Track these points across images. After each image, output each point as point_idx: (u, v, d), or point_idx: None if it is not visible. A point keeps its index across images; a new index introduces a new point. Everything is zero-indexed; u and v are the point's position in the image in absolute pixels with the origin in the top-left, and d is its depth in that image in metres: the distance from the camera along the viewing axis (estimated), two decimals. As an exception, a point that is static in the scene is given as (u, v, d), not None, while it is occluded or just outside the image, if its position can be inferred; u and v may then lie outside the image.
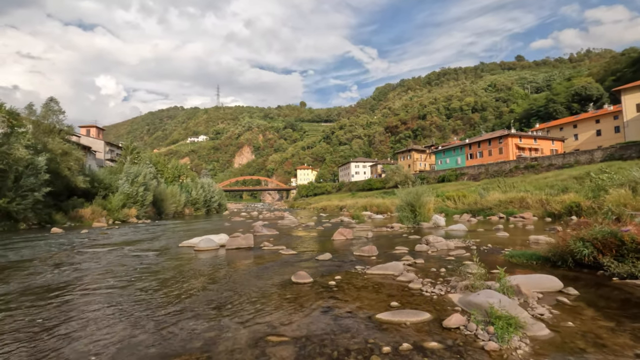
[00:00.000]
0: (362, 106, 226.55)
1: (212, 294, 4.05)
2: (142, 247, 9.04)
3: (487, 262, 5.69)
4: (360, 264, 5.74)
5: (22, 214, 18.74)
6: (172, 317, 3.25)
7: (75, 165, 25.67)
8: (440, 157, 69.65)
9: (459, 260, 6.00)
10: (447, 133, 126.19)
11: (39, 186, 19.68)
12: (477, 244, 8.14)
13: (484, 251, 6.95)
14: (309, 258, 6.57)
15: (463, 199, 24.65)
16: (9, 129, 19.80)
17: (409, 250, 7.32)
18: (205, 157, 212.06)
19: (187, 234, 13.26)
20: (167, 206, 34.32)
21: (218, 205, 52.33)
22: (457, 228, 11.93)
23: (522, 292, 3.52)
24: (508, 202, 20.24)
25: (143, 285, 4.62)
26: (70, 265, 6.35)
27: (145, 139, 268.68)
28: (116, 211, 25.62)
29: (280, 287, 4.32)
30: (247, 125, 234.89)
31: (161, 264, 6.33)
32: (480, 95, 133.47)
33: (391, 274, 4.84)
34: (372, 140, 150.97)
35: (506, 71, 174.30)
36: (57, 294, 4.24)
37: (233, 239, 8.56)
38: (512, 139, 53.72)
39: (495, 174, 45.82)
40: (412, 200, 13.67)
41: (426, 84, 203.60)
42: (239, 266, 5.93)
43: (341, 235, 9.89)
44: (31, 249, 8.92)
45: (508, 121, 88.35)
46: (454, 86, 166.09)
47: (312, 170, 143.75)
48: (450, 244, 7.61)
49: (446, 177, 53.84)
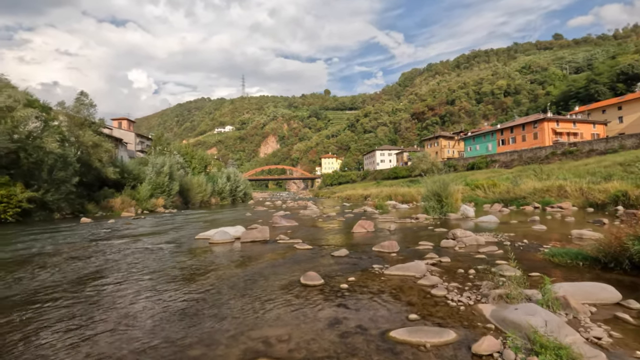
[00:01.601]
0: (387, 93, 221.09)
1: (211, 297, 3.71)
2: (158, 239, 8.96)
3: (524, 261, 5.03)
4: (379, 262, 5.25)
5: (56, 205, 19.51)
6: (154, 324, 2.92)
7: (105, 157, 26.50)
8: (469, 144, 66.76)
9: (490, 258, 5.36)
10: (477, 118, 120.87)
11: (70, 177, 20.40)
12: (511, 238, 7.40)
13: (519, 248, 6.24)
14: (324, 254, 6.14)
15: (494, 187, 23.33)
16: (42, 124, 20.56)
17: (434, 245, 6.72)
18: (232, 147, 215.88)
19: (207, 224, 13.23)
20: (193, 196, 35.02)
21: (243, 194, 53.04)
22: (487, 220, 11.09)
23: (570, 306, 2.91)
24: (544, 190, 18.89)
25: (137, 286, 4.37)
26: (78, 259, 6.28)
27: (174, 130, 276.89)
28: (144, 201, 26.31)
29: (286, 289, 3.92)
30: (271, 115, 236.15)
31: (170, 258, 6.12)
32: (514, 78, 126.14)
33: (412, 276, 4.32)
34: (398, 128, 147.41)
35: (542, 51, 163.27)
36: (45, 293, 4.05)
37: (248, 231, 8.28)
38: (548, 123, 50.37)
39: (530, 160, 43.23)
40: (438, 189, 12.88)
41: (455, 67, 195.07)
42: (249, 262, 5.60)
43: (361, 227, 9.40)
44: (53, 239, 9.07)
45: (544, 104, 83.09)
46: (484, 69, 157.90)
47: (336, 159, 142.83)
48: (480, 239, 6.93)
49: (476, 165, 51.53)
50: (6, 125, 17.25)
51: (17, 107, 17.47)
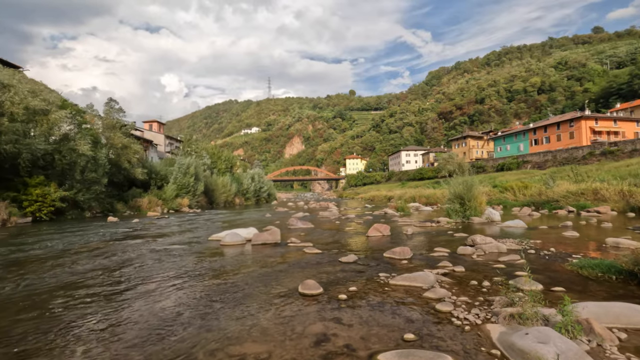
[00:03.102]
0: (413, 92, 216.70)
1: (202, 304, 3.58)
2: (174, 239, 9.05)
3: (547, 273, 4.57)
4: (386, 270, 4.94)
5: (87, 204, 20.40)
6: (129, 333, 2.81)
7: (134, 158, 27.49)
8: (499, 144, 64.10)
9: (509, 269, 4.91)
10: (508, 117, 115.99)
11: (101, 178, 21.28)
12: (537, 246, 6.83)
13: (544, 257, 5.72)
14: (332, 259, 5.90)
15: (524, 189, 22.11)
16: (75, 127, 21.59)
17: (450, 252, 6.31)
18: (258, 148, 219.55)
19: (225, 225, 13.31)
20: (217, 196, 35.70)
21: (267, 195, 53.60)
22: (514, 224, 10.40)
23: (594, 331, 2.51)
24: (579, 193, 17.64)
25: (128, 289, 4.32)
26: (91, 258, 6.38)
27: (203, 131, 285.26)
28: (170, 201, 27.08)
29: (282, 298, 3.72)
30: (297, 116, 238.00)
31: (177, 260, 6.09)
32: (549, 75, 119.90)
33: (418, 287, 3.99)
34: (424, 128, 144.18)
35: (580, 46, 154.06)
36: (48, 296, 4.08)
37: (259, 234, 8.18)
38: (585, 122, 47.42)
39: (565, 161, 40.89)
40: (461, 191, 12.28)
41: (485, 65, 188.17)
42: (253, 267, 5.45)
43: (377, 231, 9.06)
44: (73, 237, 9.38)
45: (581, 102, 78.42)
46: (517, 66, 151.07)
47: (361, 160, 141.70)
48: (501, 246, 6.43)
49: (506, 166, 49.39)
50: (42, 128, 18.22)
51: (52, 110, 18.38)
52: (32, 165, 17.53)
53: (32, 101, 16.88)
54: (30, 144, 16.87)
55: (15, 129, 16.44)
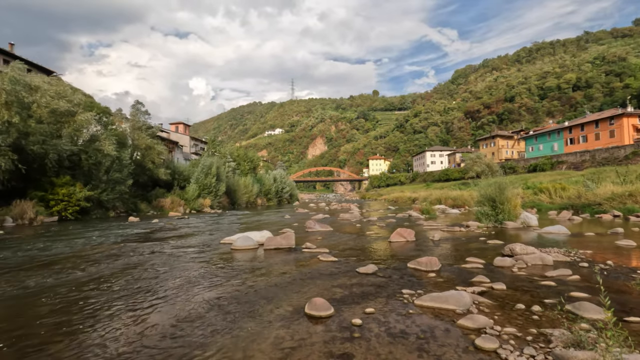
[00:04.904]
0: (438, 91, 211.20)
1: (190, 325, 3.04)
2: (185, 242, 8.69)
3: (613, 295, 3.70)
4: (411, 285, 4.24)
5: (111, 203, 20.73)
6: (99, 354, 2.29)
7: (158, 159, 27.88)
8: (531, 144, 60.92)
9: (562, 287, 4.08)
10: (540, 116, 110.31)
11: (126, 178, 21.58)
12: (589, 257, 5.89)
13: (601, 272, 4.81)
14: (348, 269, 5.25)
15: (561, 191, 20.45)
16: (102, 128, 22.04)
17: (485, 263, 5.49)
18: (281, 149, 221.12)
19: (243, 227, 12.94)
20: (239, 196, 35.74)
21: (289, 195, 53.46)
22: (554, 230, 9.33)
23: None
24: (626, 195, 16.00)
25: (121, 298, 3.85)
26: (89, 262, 6.06)
27: (228, 133, 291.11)
28: (192, 201, 27.23)
29: (285, 321, 3.12)
30: (319, 117, 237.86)
31: (178, 267, 5.64)
32: (585, 70, 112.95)
33: (451, 311, 3.28)
34: (450, 127, 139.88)
35: (619, 39, 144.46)
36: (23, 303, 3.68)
37: (272, 238, 7.65)
38: (628, 119, 44.10)
39: (605, 161, 38.11)
40: (493, 193, 11.27)
41: (515, 62, 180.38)
42: (260, 277, 4.90)
43: (400, 236, 8.31)
44: (87, 238, 9.22)
45: (622, 98, 73.37)
46: (549, 62, 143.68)
47: (384, 161, 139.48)
48: (546, 257, 5.55)
49: (539, 166, 46.73)
50: (68, 129, 18.63)
51: (78, 112, 18.76)
52: (59, 165, 17.93)
53: (58, 103, 17.23)
54: (57, 144, 17.24)
55: (42, 130, 16.84)
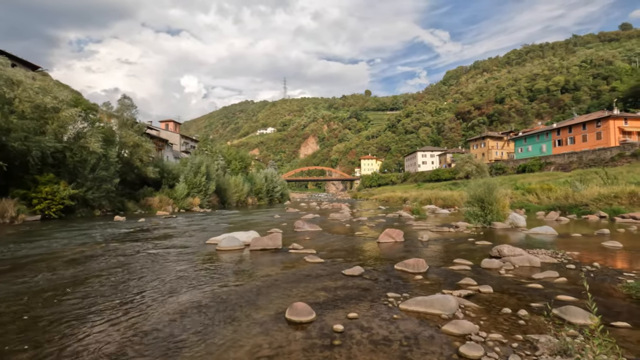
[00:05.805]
0: (430, 92, 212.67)
1: (162, 332, 2.88)
2: (171, 242, 8.48)
3: (599, 298, 3.66)
4: (396, 288, 4.15)
5: (97, 202, 20.25)
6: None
7: (146, 157, 27.36)
8: (520, 145, 61.74)
9: (549, 290, 4.03)
10: (529, 118, 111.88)
11: (112, 176, 21.11)
12: (576, 259, 5.88)
13: (588, 274, 4.79)
14: (333, 271, 5.14)
15: (549, 192, 20.69)
16: (89, 125, 21.52)
17: (473, 265, 5.44)
18: (273, 148, 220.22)
19: (231, 227, 12.74)
20: (229, 195, 35.36)
21: (280, 195, 53.14)
22: (542, 231, 9.37)
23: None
24: (612, 197, 16.25)
25: (96, 308, 3.67)
26: (70, 263, 5.83)
27: (220, 131, 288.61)
28: (181, 200, 26.82)
29: (263, 327, 2.99)
30: (312, 116, 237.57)
31: (158, 269, 5.46)
32: (573, 73, 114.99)
33: (436, 315, 3.19)
34: (441, 128, 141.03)
35: (606, 43, 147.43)
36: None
37: (259, 238, 7.50)
38: (614, 122, 44.95)
39: (591, 163, 38.77)
40: (482, 194, 11.29)
41: (505, 64, 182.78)
42: (243, 279, 4.75)
43: (389, 237, 8.24)
44: (66, 238, 8.92)
45: (608, 101, 74.80)
46: (539, 65, 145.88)
47: (376, 160, 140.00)
48: (534, 259, 5.52)
49: (527, 167, 47.38)
50: (52, 126, 18.14)
51: (62, 108, 18.28)
52: (42, 162, 17.43)
53: (42, 98, 16.75)
54: (40, 141, 16.75)
55: (25, 126, 16.35)
